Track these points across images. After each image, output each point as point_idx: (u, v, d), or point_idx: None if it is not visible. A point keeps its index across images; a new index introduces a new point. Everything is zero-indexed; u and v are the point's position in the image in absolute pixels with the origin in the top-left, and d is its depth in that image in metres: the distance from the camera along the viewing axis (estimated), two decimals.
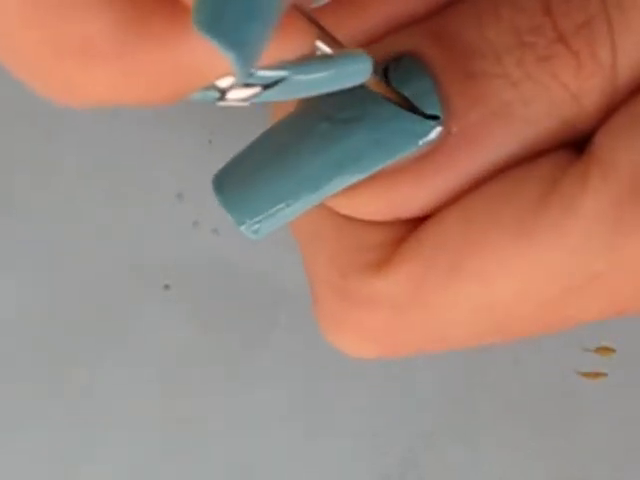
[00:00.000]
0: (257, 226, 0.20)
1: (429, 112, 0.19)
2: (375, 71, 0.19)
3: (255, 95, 0.17)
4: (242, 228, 0.20)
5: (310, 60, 0.17)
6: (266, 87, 0.17)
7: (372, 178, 0.20)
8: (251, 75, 0.16)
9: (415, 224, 0.20)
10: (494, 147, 0.19)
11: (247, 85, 0.17)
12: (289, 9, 0.16)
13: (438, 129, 0.19)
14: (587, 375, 0.28)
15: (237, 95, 0.17)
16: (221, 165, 0.21)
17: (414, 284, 0.20)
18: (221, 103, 0.17)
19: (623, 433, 0.28)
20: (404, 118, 0.19)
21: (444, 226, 0.20)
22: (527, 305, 0.20)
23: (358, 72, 0.18)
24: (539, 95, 0.19)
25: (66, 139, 0.29)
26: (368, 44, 0.20)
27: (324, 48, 0.18)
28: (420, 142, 0.19)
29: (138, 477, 0.29)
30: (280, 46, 0.16)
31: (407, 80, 0.19)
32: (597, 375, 0.28)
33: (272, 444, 0.29)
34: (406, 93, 0.19)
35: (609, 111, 0.19)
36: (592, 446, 0.28)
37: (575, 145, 0.20)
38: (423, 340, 0.21)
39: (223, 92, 0.17)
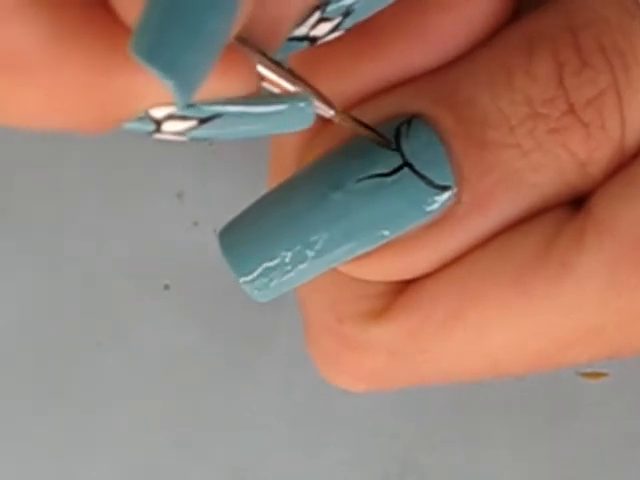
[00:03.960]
0: (259, 284, 0.20)
1: (441, 182, 0.19)
2: (386, 131, 0.19)
3: (191, 129, 0.17)
4: (242, 283, 0.20)
5: (250, 98, 0.17)
6: (202, 121, 0.17)
7: (380, 246, 0.20)
8: (189, 107, 0.16)
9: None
10: (501, 212, 0.20)
11: (183, 118, 0.17)
12: (235, 47, 0.16)
13: (449, 199, 0.19)
14: (587, 375, 0.28)
15: (172, 127, 0.17)
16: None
17: (411, 333, 0.20)
18: (157, 136, 0.17)
19: (623, 433, 0.28)
20: (417, 190, 0.19)
21: (443, 279, 0.20)
22: (522, 354, 0.20)
23: (300, 117, 0.18)
24: (548, 164, 0.19)
25: (66, 139, 0.29)
26: (378, 94, 0.20)
27: (270, 89, 0.17)
28: (431, 213, 0.20)
29: (138, 477, 0.29)
30: (221, 82, 0.16)
31: (420, 149, 0.19)
32: (597, 375, 0.28)
33: (272, 445, 0.29)
34: (419, 161, 0.19)
35: (613, 175, 0.20)
36: (592, 446, 0.28)
37: (574, 201, 0.20)
38: (416, 380, 0.22)
39: (158, 123, 0.17)
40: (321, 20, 0.18)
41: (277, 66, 0.17)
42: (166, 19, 0.14)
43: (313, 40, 0.18)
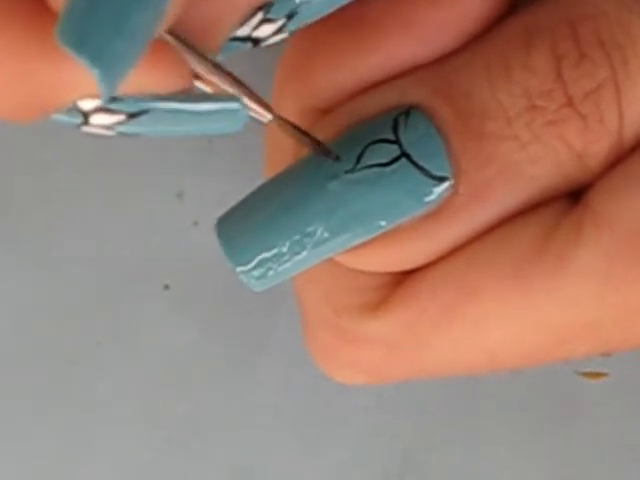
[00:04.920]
0: (256, 274, 0.20)
1: (438, 173, 0.19)
2: (385, 122, 0.19)
3: (119, 123, 0.17)
4: (239, 272, 0.20)
5: (180, 96, 0.17)
6: (131, 116, 0.17)
7: (376, 236, 0.20)
8: (115, 99, 0.16)
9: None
10: (498, 204, 0.20)
11: (111, 111, 0.17)
12: (166, 42, 0.16)
13: (446, 190, 0.19)
14: (587, 375, 0.28)
15: (100, 120, 0.17)
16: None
17: (409, 326, 0.20)
18: (85, 129, 0.17)
19: (623, 433, 0.28)
20: (414, 180, 0.19)
21: (441, 271, 0.20)
22: (519, 348, 0.20)
23: (231, 119, 0.18)
24: (546, 156, 0.19)
25: (66, 139, 0.29)
26: (376, 84, 0.20)
27: (203, 89, 0.17)
28: (429, 204, 0.19)
29: (138, 477, 0.29)
30: (149, 76, 0.16)
31: (418, 140, 0.19)
32: (597, 375, 0.28)
33: (272, 444, 0.29)
34: (416, 152, 0.19)
35: (611, 167, 0.20)
36: (592, 446, 0.28)
37: (572, 193, 0.20)
38: (414, 372, 0.22)
39: (86, 116, 0.16)
40: (264, 21, 0.18)
41: (214, 67, 0.17)
42: (92, 7, 0.14)
43: (256, 41, 0.18)
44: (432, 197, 0.19)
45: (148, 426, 0.29)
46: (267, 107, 0.19)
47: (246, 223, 0.20)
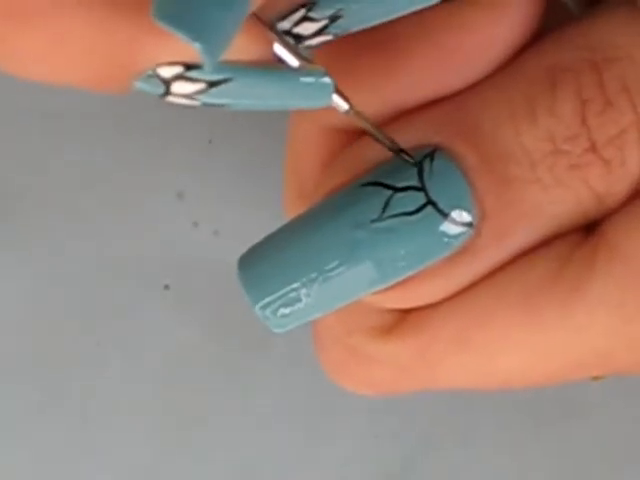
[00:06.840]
0: (275, 314, 0.20)
1: (464, 220, 0.19)
2: (410, 167, 0.19)
3: (200, 92, 0.16)
4: (258, 311, 0.20)
5: (263, 68, 0.17)
6: (211, 85, 0.16)
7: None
8: (194, 67, 0.16)
9: None
10: (518, 242, 0.20)
11: (191, 80, 0.16)
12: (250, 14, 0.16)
13: (470, 234, 0.19)
14: None
15: (181, 89, 0.16)
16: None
17: (420, 352, 0.20)
18: (168, 99, 0.17)
19: (623, 433, 0.28)
20: (439, 227, 0.19)
21: (454, 300, 0.20)
22: (531, 375, 0.21)
23: (315, 92, 0.17)
24: (568, 197, 0.19)
25: (66, 139, 0.29)
26: (397, 119, 0.20)
27: (286, 59, 0.17)
28: (452, 249, 0.19)
29: (138, 477, 0.29)
30: (235, 45, 0.16)
31: (444, 187, 0.19)
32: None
33: (272, 445, 0.29)
34: (443, 200, 0.19)
35: (627, 202, 0.20)
36: (592, 446, 0.28)
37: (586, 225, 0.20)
38: (422, 388, 0.22)
39: (167, 84, 0.16)
40: (306, 19, 0.18)
41: (291, 43, 0.17)
42: None
43: (297, 38, 0.18)
44: (456, 243, 0.19)
45: (148, 426, 0.29)
46: (344, 97, 0.18)
47: (268, 265, 0.20)
